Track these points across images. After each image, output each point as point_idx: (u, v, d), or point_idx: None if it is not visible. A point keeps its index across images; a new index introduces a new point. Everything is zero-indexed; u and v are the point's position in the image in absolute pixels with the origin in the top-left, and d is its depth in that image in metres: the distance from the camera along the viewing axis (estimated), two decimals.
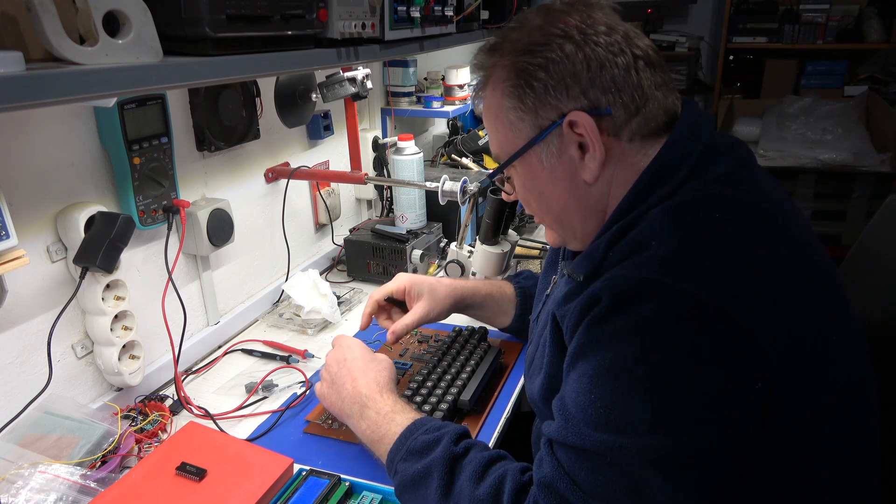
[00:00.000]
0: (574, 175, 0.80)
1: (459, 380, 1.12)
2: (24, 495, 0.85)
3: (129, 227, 1.02)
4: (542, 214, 0.88)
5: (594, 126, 0.76)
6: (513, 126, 0.81)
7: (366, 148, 1.81)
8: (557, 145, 0.79)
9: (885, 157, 3.31)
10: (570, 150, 0.78)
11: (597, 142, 0.76)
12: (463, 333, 1.27)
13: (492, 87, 0.82)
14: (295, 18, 0.87)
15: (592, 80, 0.75)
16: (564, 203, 0.83)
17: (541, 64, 0.76)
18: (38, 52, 0.64)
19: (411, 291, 1.17)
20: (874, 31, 3.69)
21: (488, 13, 1.48)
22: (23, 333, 1.00)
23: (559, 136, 0.78)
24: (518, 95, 0.79)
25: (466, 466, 0.80)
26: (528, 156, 0.81)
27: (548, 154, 0.80)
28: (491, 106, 0.83)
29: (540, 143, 0.79)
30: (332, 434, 1.06)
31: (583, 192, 0.81)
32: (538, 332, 0.94)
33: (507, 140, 0.83)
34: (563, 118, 0.77)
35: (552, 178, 0.81)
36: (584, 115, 0.76)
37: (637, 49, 0.77)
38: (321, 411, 1.11)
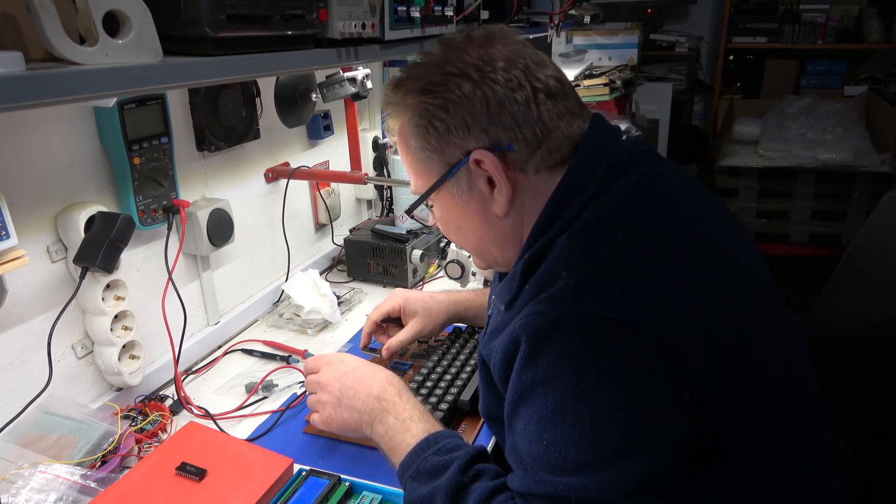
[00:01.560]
0: (486, 209, 0.81)
1: (459, 380, 1.12)
2: (24, 495, 0.85)
3: (129, 227, 1.02)
4: (462, 243, 0.90)
5: (497, 163, 0.77)
6: (422, 163, 0.83)
7: (366, 148, 1.81)
8: (467, 181, 0.80)
9: (885, 157, 3.31)
10: (480, 186, 0.80)
11: (502, 178, 0.78)
12: (463, 334, 1.27)
13: (400, 125, 0.83)
14: (295, 18, 0.87)
15: (491, 119, 0.76)
16: (481, 234, 0.85)
17: (441, 104, 0.77)
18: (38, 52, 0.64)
19: (406, 309, 1.20)
20: (874, 31, 3.70)
21: (488, 13, 1.48)
22: (23, 333, 1.00)
23: (467, 172, 0.79)
24: (423, 136, 0.80)
25: (470, 496, 0.79)
26: (441, 191, 0.83)
27: (458, 190, 0.81)
28: (402, 144, 0.85)
29: (450, 180, 0.81)
30: (332, 434, 1.06)
31: (496, 224, 0.82)
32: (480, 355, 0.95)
33: (420, 176, 0.84)
34: (468, 156, 0.78)
35: (466, 212, 0.83)
36: (487, 153, 0.77)
37: (537, 81, 0.77)
38: None
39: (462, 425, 1.07)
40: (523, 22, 1.77)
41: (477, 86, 0.76)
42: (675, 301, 0.68)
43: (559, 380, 0.67)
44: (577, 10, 2.11)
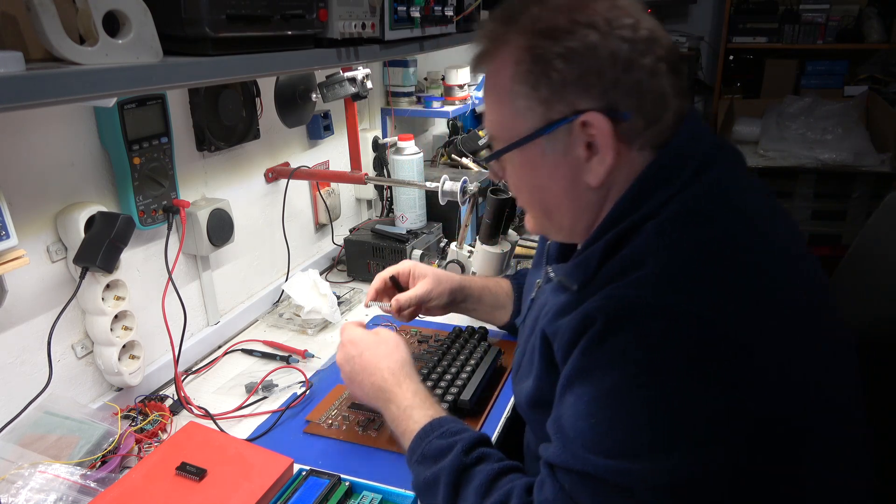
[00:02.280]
0: (576, 175, 0.75)
1: (459, 380, 1.12)
2: (24, 495, 0.85)
3: (129, 227, 1.02)
4: (531, 206, 0.84)
5: (610, 131, 0.70)
6: (519, 112, 0.74)
7: (366, 148, 1.81)
8: (564, 142, 0.73)
9: (885, 157, 3.31)
10: (577, 149, 0.73)
11: (609, 147, 0.71)
12: (463, 334, 1.27)
13: (500, 64, 0.75)
14: (295, 18, 0.88)
15: (616, 81, 0.70)
16: (559, 201, 0.78)
17: (562, 53, 0.70)
18: (38, 52, 0.64)
19: (415, 272, 1.19)
20: (874, 31, 3.69)
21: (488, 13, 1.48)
22: (23, 333, 1.00)
23: (568, 132, 0.72)
24: (532, 83, 0.72)
25: (474, 477, 0.78)
26: (529, 146, 0.75)
27: (552, 149, 0.74)
28: (497, 85, 0.76)
29: (545, 136, 0.73)
30: (332, 434, 1.06)
31: (581, 193, 0.76)
32: (525, 337, 0.92)
33: (509, 125, 0.76)
34: (576, 115, 0.71)
35: (552, 175, 0.76)
36: (602, 119, 0.70)
37: (661, 49, 0.71)
38: (321, 411, 1.11)
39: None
40: None
41: (606, 40, 0.69)
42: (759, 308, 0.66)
43: (625, 364, 0.65)
44: None
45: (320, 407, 1.12)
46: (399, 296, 1.15)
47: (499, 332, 1.34)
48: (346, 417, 1.09)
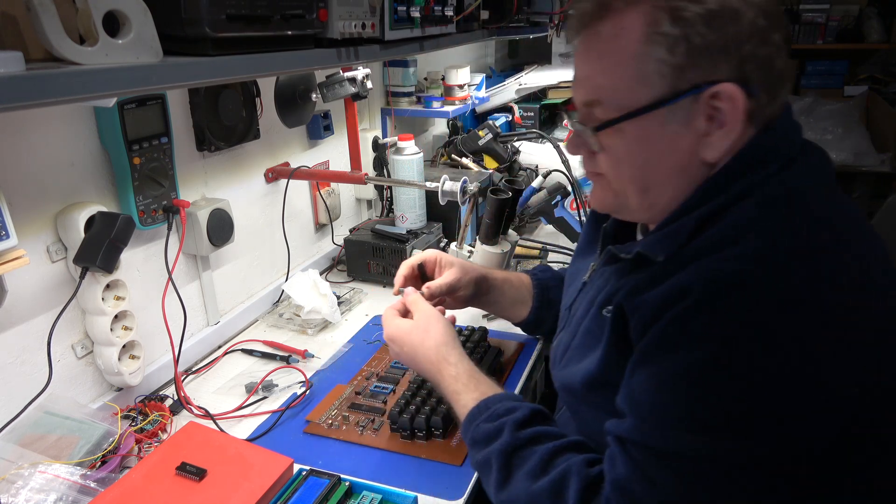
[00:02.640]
0: (693, 149, 0.70)
1: None
2: (24, 495, 0.84)
3: (129, 227, 1.02)
4: (629, 182, 0.76)
5: (744, 104, 0.67)
6: (643, 78, 0.68)
7: (366, 148, 1.81)
8: (687, 113, 0.68)
9: (885, 157, 3.31)
10: (698, 122, 0.69)
11: (738, 122, 0.68)
12: (463, 333, 1.27)
13: (626, 24, 0.68)
14: (295, 18, 0.87)
15: (754, 52, 0.66)
16: (666, 177, 0.73)
17: (703, 15, 0.65)
18: (38, 52, 0.64)
19: (441, 261, 1.16)
20: (874, 31, 3.70)
21: (488, 13, 1.48)
22: (23, 333, 1.00)
23: (692, 102, 0.68)
24: (668, 47, 0.66)
25: (527, 459, 0.76)
26: (649, 116, 0.69)
27: (673, 120, 0.69)
28: (619, 47, 0.69)
29: (669, 106, 0.68)
30: (332, 434, 1.06)
31: (693, 168, 0.72)
32: (577, 321, 0.89)
33: (627, 91, 0.70)
34: (709, 85, 0.66)
35: (668, 149, 0.71)
36: (738, 91, 0.66)
37: (784, 29, 0.68)
38: (321, 411, 1.11)
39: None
40: (523, 22, 1.77)
41: (748, 6, 0.66)
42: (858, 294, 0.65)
43: (718, 337, 0.63)
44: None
45: (320, 407, 1.12)
46: (430, 283, 1.12)
47: (498, 333, 1.34)
48: (346, 417, 1.09)
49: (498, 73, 2.78)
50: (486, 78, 2.28)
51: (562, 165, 1.83)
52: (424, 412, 1.03)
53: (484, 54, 2.85)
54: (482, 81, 2.18)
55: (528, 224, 1.90)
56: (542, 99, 2.57)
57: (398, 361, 1.16)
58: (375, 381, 1.19)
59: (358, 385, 1.18)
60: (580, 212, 1.74)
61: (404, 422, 1.02)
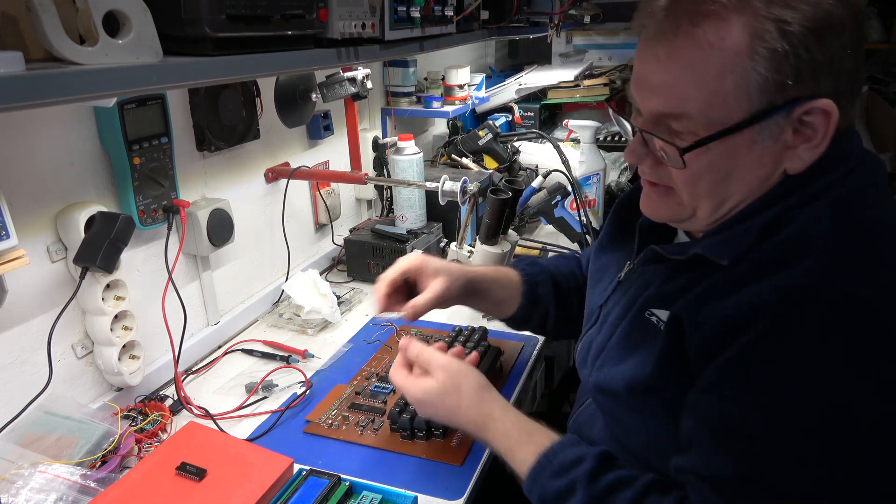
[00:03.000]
0: (778, 162, 0.68)
1: None
2: (24, 495, 0.85)
3: (129, 227, 1.02)
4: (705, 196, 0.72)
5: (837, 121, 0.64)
6: (741, 93, 0.64)
7: (366, 148, 1.81)
8: (775, 127, 0.66)
9: (885, 157, 3.31)
10: (786, 135, 0.66)
11: (828, 137, 0.65)
12: (463, 333, 1.27)
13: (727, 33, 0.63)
14: (295, 18, 0.87)
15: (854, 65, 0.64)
16: (749, 188, 0.70)
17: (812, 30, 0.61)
18: (38, 52, 0.64)
19: (426, 269, 1.03)
20: (874, 31, 3.69)
21: (488, 13, 1.48)
22: (23, 333, 1.00)
23: (786, 116, 0.65)
24: (775, 61, 0.62)
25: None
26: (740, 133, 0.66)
27: (765, 136, 0.66)
28: (719, 57, 0.64)
29: (763, 122, 0.65)
30: (332, 434, 1.06)
31: (774, 180, 0.69)
32: (612, 322, 0.85)
33: (720, 106, 0.65)
34: (805, 101, 0.64)
35: (756, 163, 0.68)
36: (834, 107, 0.63)
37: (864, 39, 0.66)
38: (321, 411, 1.11)
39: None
40: (523, 22, 1.77)
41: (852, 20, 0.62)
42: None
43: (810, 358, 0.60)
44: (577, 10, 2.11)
45: (320, 407, 1.12)
46: (415, 302, 0.99)
47: (498, 333, 1.34)
48: (346, 417, 1.09)
49: (498, 73, 2.78)
50: (486, 78, 2.28)
51: (562, 165, 1.83)
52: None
53: (484, 54, 2.85)
54: (482, 81, 2.18)
55: (528, 224, 1.90)
56: (542, 99, 2.57)
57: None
58: (375, 381, 1.19)
59: (358, 385, 1.18)
60: (580, 212, 1.74)
61: (404, 422, 1.02)
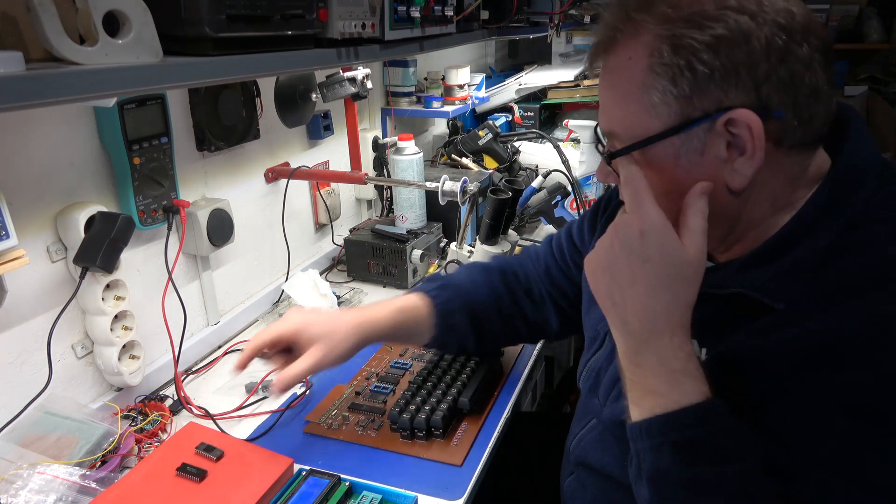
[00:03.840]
0: (715, 178, 0.67)
1: (459, 381, 1.12)
2: (24, 496, 0.84)
3: (129, 227, 1.02)
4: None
5: (761, 130, 0.63)
6: (651, 108, 0.66)
7: (366, 148, 1.81)
8: (703, 141, 0.65)
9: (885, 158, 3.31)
10: (717, 150, 0.65)
11: (759, 148, 0.64)
12: None
13: (630, 55, 0.67)
14: (295, 18, 0.87)
15: (769, 74, 0.62)
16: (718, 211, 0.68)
17: (710, 43, 0.62)
18: (38, 52, 0.64)
19: (303, 335, 0.96)
20: (874, 31, 3.70)
21: (488, 13, 1.48)
22: (23, 333, 1.00)
23: (707, 130, 0.65)
24: (671, 76, 0.64)
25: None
26: (661, 146, 0.67)
27: (688, 150, 0.66)
28: (625, 78, 0.67)
29: (680, 135, 0.66)
30: (332, 434, 1.06)
31: (720, 198, 0.68)
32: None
33: (637, 121, 0.68)
34: (721, 112, 0.63)
35: (686, 178, 0.67)
36: (752, 115, 0.63)
37: (817, 39, 0.64)
38: (321, 411, 1.11)
39: (462, 425, 1.07)
40: (523, 22, 1.77)
41: (759, 26, 0.62)
42: None
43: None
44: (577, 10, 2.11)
45: (320, 407, 1.12)
46: (283, 374, 0.92)
47: None
48: (346, 417, 1.09)
49: (498, 73, 2.78)
50: (486, 78, 2.28)
51: (562, 165, 1.83)
52: (424, 412, 1.03)
53: (484, 54, 2.85)
54: (482, 81, 2.18)
55: (528, 224, 1.90)
56: (542, 99, 2.57)
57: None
58: (375, 381, 1.19)
59: (358, 385, 1.18)
60: (580, 212, 1.74)
61: (404, 422, 1.02)
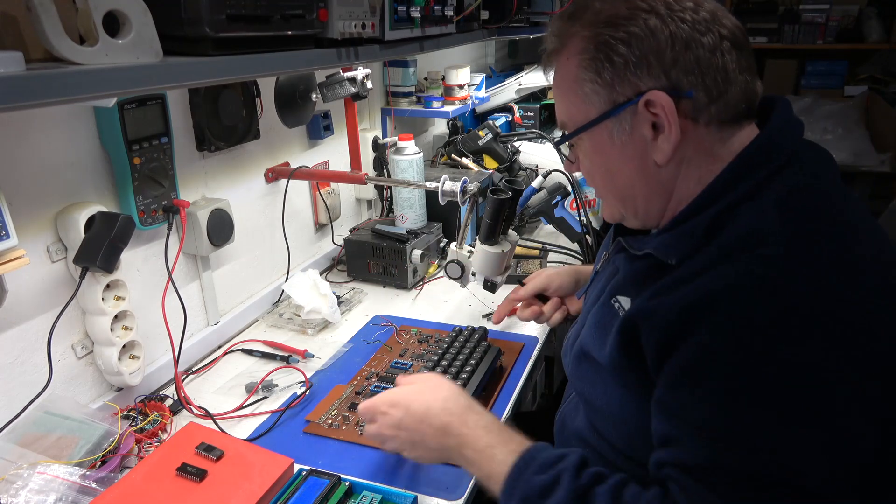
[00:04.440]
0: (644, 155, 0.78)
1: (459, 380, 1.12)
2: (24, 496, 0.84)
3: (129, 227, 1.02)
4: (604, 190, 0.86)
5: (673, 108, 0.74)
6: (586, 98, 0.79)
7: (366, 148, 1.81)
8: (630, 123, 0.77)
9: (885, 157, 3.32)
10: (643, 130, 0.76)
11: (673, 124, 0.74)
12: (463, 333, 1.27)
13: (567, 56, 0.80)
14: (295, 18, 0.88)
15: (675, 60, 0.73)
16: (631, 181, 0.81)
17: (623, 38, 0.74)
18: (38, 52, 0.64)
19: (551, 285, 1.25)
20: (874, 31, 3.70)
21: (488, 13, 1.48)
22: (23, 333, 1.00)
23: (633, 113, 0.76)
24: (595, 68, 0.77)
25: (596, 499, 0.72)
26: (598, 130, 0.79)
27: (619, 131, 0.78)
28: (565, 75, 0.81)
29: (612, 119, 0.78)
30: (332, 434, 1.06)
31: (651, 172, 0.79)
32: (586, 309, 0.93)
33: (578, 111, 0.81)
34: (640, 96, 0.75)
35: (621, 156, 0.80)
36: (664, 96, 0.73)
37: (724, 28, 0.75)
38: (321, 411, 1.11)
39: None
40: (523, 22, 1.77)
41: (665, 23, 0.73)
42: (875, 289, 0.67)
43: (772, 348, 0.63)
44: None
45: (320, 407, 1.12)
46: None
47: (498, 333, 1.34)
48: (345, 418, 1.09)
49: (498, 73, 2.78)
50: (486, 78, 2.28)
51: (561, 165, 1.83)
52: None
53: (484, 54, 2.85)
54: (482, 81, 2.18)
55: (528, 224, 1.90)
56: (542, 99, 2.57)
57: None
58: (375, 380, 1.19)
59: (358, 385, 1.18)
60: (580, 212, 1.74)
61: None
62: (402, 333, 1.37)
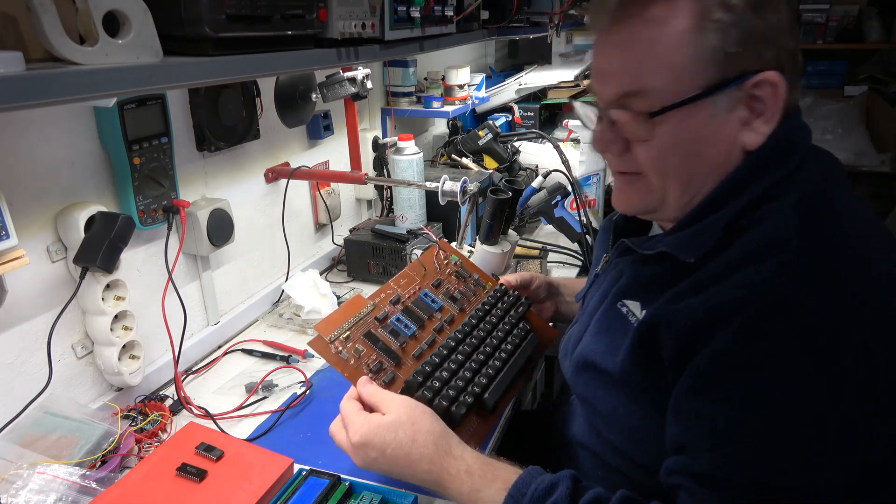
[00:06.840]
0: (734, 138, 0.71)
1: (490, 367, 1.00)
2: (24, 496, 0.84)
3: (129, 227, 1.02)
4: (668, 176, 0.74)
5: (786, 93, 0.68)
6: (693, 67, 0.68)
7: (366, 148, 1.81)
8: (729, 101, 0.69)
9: (885, 157, 3.32)
10: (740, 110, 0.70)
11: (778, 109, 0.69)
12: (506, 299, 1.16)
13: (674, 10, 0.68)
14: (295, 18, 0.87)
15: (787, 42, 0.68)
16: (710, 168, 0.72)
17: (750, 4, 0.66)
18: (38, 52, 0.64)
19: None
20: (874, 31, 3.70)
21: (488, 13, 1.48)
22: (23, 333, 1.00)
23: (737, 90, 0.69)
24: (721, 33, 0.67)
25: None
26: (697, 106, 0.69)
27: (721, 109, 0.70)
28: (670, 32, 0.68)
29: (716, 95, 0.69)
30: (337, 364, 0.94)
31: (734, 158, 0.72)
32: (588, 313, 0.89)
33: (678, 79, 0.69)
34: (755, 73, 0.68)
35: (714, 138, 0.71)
36: (780, 79, 0.67)
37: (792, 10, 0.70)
38: (333, 325, 0.96)
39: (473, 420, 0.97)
40: (523, 22, 1.77)
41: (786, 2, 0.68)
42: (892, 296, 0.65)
43: (787, 362, 0.61)
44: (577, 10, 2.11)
45: (333, 319, 0.96)
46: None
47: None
48: (357, 350, 0.95)
49: (498, 73, 2.78)
50: (486, 78, 2.28)
51: (562, 165, 1.83)
52: (446, 397, 0.92)
53: (484, 54, 2.85)
54: (482, 81, 2.18)
55: (528, 224, 1.90)
56: (542, 99, 2.57)
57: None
58: (400, 311, 1.02)
59: (380, 306, 1.01)
60: (580, 212, 1.74)
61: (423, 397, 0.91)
62: (442, 255, 1.17)
